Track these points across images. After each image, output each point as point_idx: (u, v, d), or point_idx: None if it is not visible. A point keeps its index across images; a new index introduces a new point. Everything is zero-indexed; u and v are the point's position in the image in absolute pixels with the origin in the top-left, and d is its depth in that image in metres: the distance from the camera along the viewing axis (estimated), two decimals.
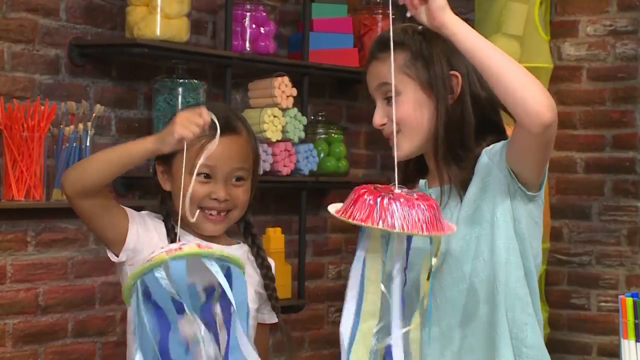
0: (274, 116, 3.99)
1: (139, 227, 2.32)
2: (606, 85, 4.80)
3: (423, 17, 2.04)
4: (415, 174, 2.27)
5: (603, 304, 4.76)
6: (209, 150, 2.20)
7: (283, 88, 4.04)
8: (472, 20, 4.68)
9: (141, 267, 1.96)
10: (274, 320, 2.47)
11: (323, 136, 4.40)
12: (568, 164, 4.86)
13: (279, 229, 4.18)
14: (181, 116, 2.18)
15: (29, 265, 3.48)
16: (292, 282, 4.25)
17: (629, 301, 2.28)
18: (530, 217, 2.16)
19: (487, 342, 2.15)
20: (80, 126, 3.45)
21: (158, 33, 3.59)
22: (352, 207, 1.78)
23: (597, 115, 4.81)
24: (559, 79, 4.83)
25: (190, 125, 2.16)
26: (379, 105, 2.22)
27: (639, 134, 4.73)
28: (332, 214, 1.83)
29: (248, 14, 4.02)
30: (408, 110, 2.18)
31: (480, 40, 2.02)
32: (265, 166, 3.95)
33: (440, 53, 2.18)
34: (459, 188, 2.18)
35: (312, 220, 4.46)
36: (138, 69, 3.81)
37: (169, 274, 1.94)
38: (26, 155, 3.32)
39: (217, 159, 2.28)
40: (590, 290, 4.80)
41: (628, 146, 4.75)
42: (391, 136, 2.13)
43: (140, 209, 2.39)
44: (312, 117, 4.38)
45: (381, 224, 1.75)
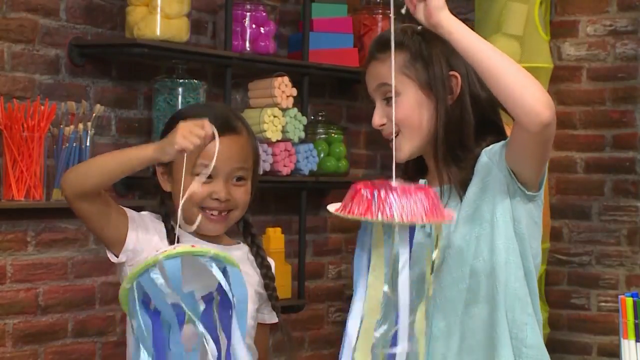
0: (274, 116, 3.98)
1: (138, 228, 2.32)
2: (606, 85, 4.80)
3: (420, 14, 2.04)
4: (415, 174, 2.28)
5: (603, 304, 4.76)
6: (209, 151, 2.21)
7: (283, 88, 4.03)
8: (472, 20, 4.68)
9: (136, 269, 1.96)
10: (274, 320, 2.47)
11: (323, 136, 4.39)
12: (568, 164, 4.86)
13: (279, 229, 4.18)
14: (183, 127, 2.18)
15: (29, 265, 3.48)
16: (292, 282, 4.25)
17: (629, 301, 2.28)
18: (530, 217, 2.16)
19: (486, 342, 2.15)
20: (80, 126, 3.45)
21: (158, 33, 3.59)
22: (350, 203, 1.78)
23: (597, 115, 4.81)
24: (559, 79, 4.83)
25: (191, 136, 2.17)
26: (378, 106, 2.22)
27: (639, 134, 4.73)
28: (332, 212, 1.83)
29: (248, 14, 4.01)
30: (408, 110, 2.18)
31: (476, 40, 2.02)
32: (265, 166, 3.95)
33: (440, 53, 2.18)
34: (459, 188, 2.18)
35: (312, 220, 4.46)
36: (138, 69, 3.81)
37: (165, 273, 1.94)
38: (26, 155, 3.32)
39: (217, 159, 2.28)
40: (590, 290, 4.80)
41: (628, 146, 4.74)
42: (390, 137, 2.13)
43: (140, 209, 2.39)
44: (312, 117, 4.37)
45: (380, 216, 1.75)
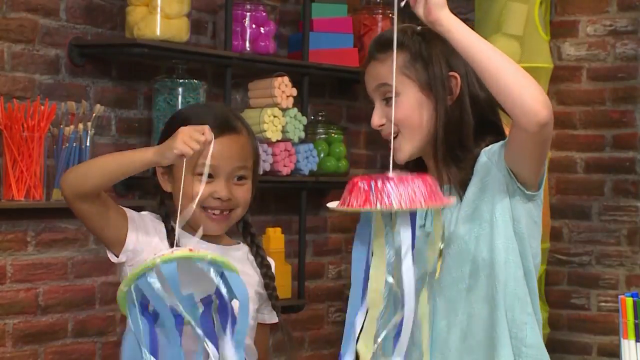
0: (274, 116, 3.98)
1: (138, 228, 2.32)
2: (606, 85, 4.80)
3: (420, 10, 2.03)
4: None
5: (603, 304, 4.76)
6: (208, 151, 2.21)
7: (283, 88, 4.03)
8: (472, 20, 4.68)
9: (133, 272, 1.96)
10: (274, 320, 2.47)
11: (323, 136, 4.39)
12: (568, 164, 4.86)
13: (279, 229, 4.18)
14: (183, 132, 2.19)
15: (29, 265, 3.48)
16: (292, 282, 4.25)
17: (629, 301, 2.28)
18: (530, 216, 2.16)
19: (486, 341, 2.15)
20: (80, 126, 3.45)
21: (158, 33, 3.59)
22: (349, 197, 1.78)
23: (597, 115, 4.81)
24: (559, 79, 4.83)
25: (191, 142, 2.17)
26: (378, 106, 2.22)
27: (639, 134, 4.73)
28: (332, 207, 1.83)
29: (248, 14, 4.02)
30: (407, 111, 2.18)
31: (476, 39, 2.02)
32: (265, 166, 3.95)
33: (440, 54, 2.18)
34: (459, 188, 2.18)
35: (312, 220, 4.46)
36: (138, 69, 3.81)
37: (163, 278, 1.94)
38: (26, 155, 3.32)
39: (218, 158, 2.28)
40: (590, 290, 4.80)
41: (628, 146, 4.74)
42: (389, 137, 2.13)
43: (140, 209, 2.39)
44: (312, 117, 4.37)
45: (379, 205, 1.74)
